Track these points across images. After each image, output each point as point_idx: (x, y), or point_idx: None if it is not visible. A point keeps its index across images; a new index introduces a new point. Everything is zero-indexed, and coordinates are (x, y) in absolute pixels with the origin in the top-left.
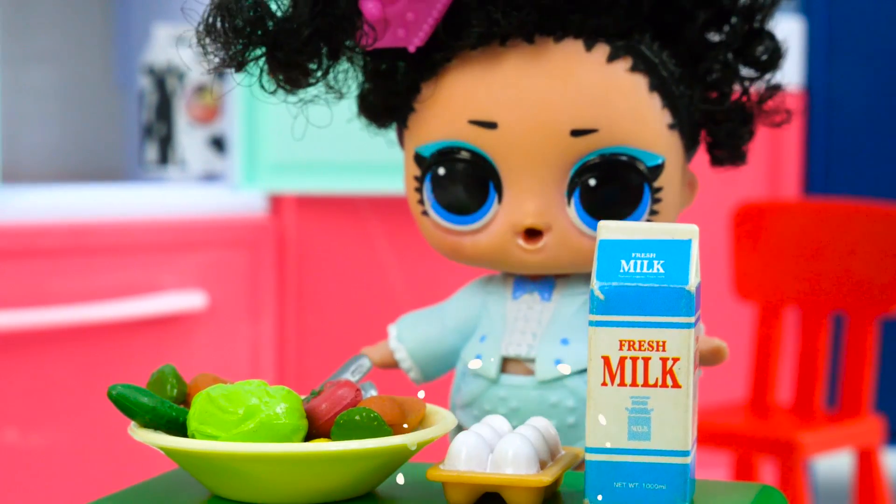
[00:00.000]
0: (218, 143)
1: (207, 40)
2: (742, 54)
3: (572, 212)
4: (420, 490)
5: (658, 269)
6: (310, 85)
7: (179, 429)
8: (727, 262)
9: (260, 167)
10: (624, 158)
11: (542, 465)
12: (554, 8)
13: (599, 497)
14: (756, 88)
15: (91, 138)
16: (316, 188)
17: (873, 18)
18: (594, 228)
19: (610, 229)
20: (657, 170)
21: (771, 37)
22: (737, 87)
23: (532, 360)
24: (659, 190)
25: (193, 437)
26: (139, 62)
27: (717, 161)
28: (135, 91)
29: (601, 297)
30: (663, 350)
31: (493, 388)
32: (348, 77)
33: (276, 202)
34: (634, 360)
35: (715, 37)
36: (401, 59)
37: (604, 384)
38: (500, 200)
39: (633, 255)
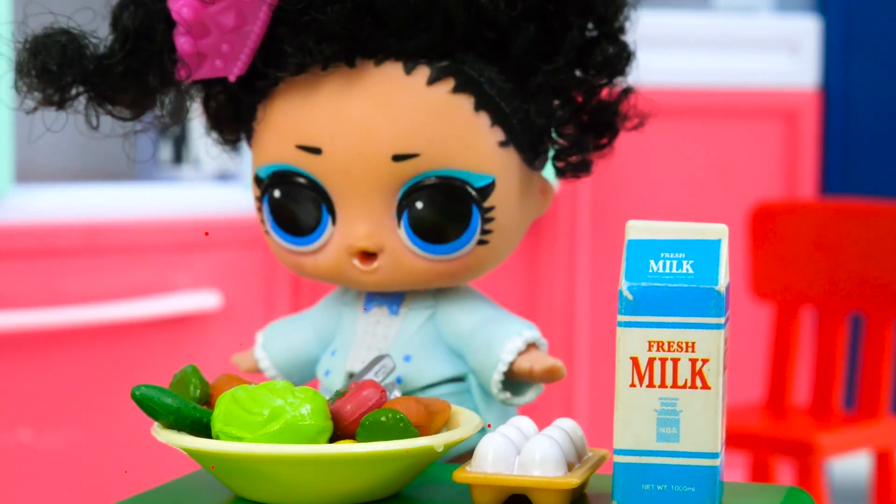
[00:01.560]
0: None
1: (22, 81)
2: (582, 63)
3: (402, 234)
4: (446, 492)
5: (687, 270)
6: (140, 116)
7: (203, 430)
8: (744, 263)
9: None
10: (449, 181)
11: (570, 467)
12: (367, 34)
13: None
14: (609, 93)
15: (105, 137)
16: None
17: (891, 17)
18: (425, 250)
19: (638, 229)
20: (486, 190)
21: (613, 41)
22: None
23: None
24: (490, 209)
25: (218, 438)
26: None
27: (559, 172)
28: None
29: (630, 297)
30: (692, 351)
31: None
32: (187, 100)
33: None
34: (663, 360)
35: (549, 48)
36: (233, 84)
37: (632, 385)
38: (334, 222)
39: (662, 255)
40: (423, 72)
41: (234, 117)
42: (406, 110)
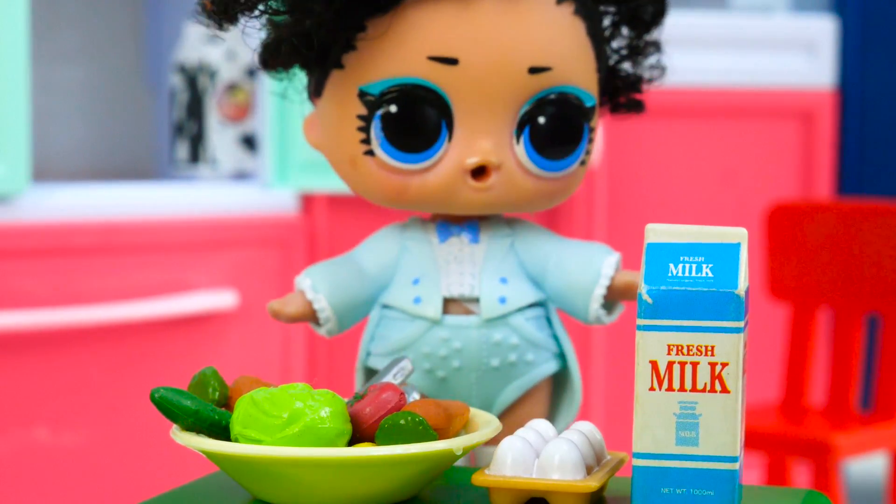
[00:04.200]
0: (249, 142)
1: None
2: (629, 9)
3: (520, 149)
4: (465, 494)
5: (707, 273)
6: (242, 13)
7: (222, 432)
8: (761, 263)
9: (291, 166)
10: (570, 97)
11: (588, 470)
12: None
13: None
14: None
15: (121, 136)
16: (347, 187)
17: None
18: (540, 167)
19: (658, 233)
20: (593, 111)
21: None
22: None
23: (475, 300)
24: (593, 130)
25: (237, 440)
26: (170, 60)
27: (616, 108)
28: (165, 89)
29: (649, 300)
30: (712, 355)
31: (434, 329)
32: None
33: (308, 201)
34: (682, 364)
35: None
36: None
37: (651, 389)
38: (450, 139)
39: (682, 258)
40: None
41: (335, 30)
42: (540, 25)
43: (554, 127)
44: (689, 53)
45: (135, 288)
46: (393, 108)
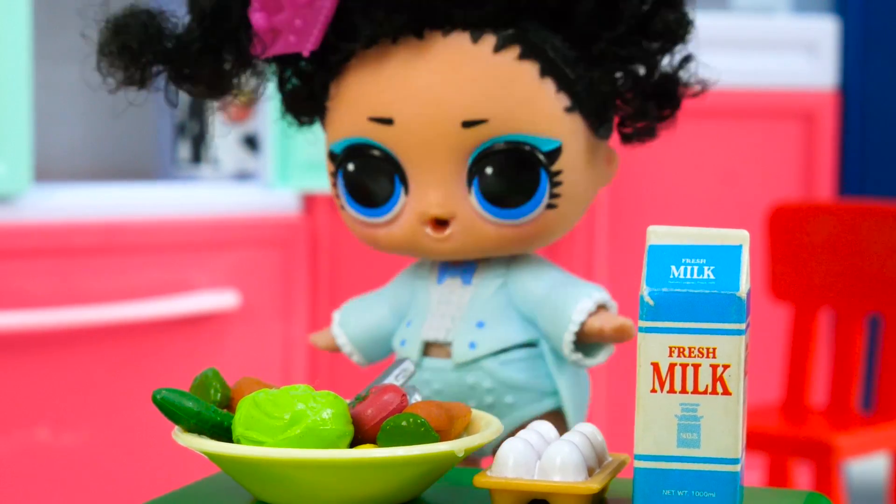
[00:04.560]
0: (251, 142)
1: (106, 61)
2: (642, 31)
3: (473, 200)
4: (466, 496)
5: (708, 275)
6: (221, 93)
7: (224, 433)
8: (762, 264)
9: (293, 166)
10: (517, 146)
11: (590, 472)
12: (435, 5)
13: None
14: (669, 62)
15: (123, 137)
16: None
17: None
18: (495, 215)
19: (659, 235)
20: (554, 154)
21: (673, 9)
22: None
23: (450, 344)
24: (557, 174)
25: (238, 442)
26: None
27: (625, 139)
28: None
29: (651, 303)
30: (713, 357)
31: (417, 371)
32: (265, 78)
33: (310, 201)
34: (684, 366)
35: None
36: (307, 63)
37: (653, 391)
38: (406, 192)
39: (683, 260)
40: (489, 40)
41: (309, 98)
42: (474, 77)
43: (501, 178)
44: None
45: (136, 288)
46: (350, 167)
